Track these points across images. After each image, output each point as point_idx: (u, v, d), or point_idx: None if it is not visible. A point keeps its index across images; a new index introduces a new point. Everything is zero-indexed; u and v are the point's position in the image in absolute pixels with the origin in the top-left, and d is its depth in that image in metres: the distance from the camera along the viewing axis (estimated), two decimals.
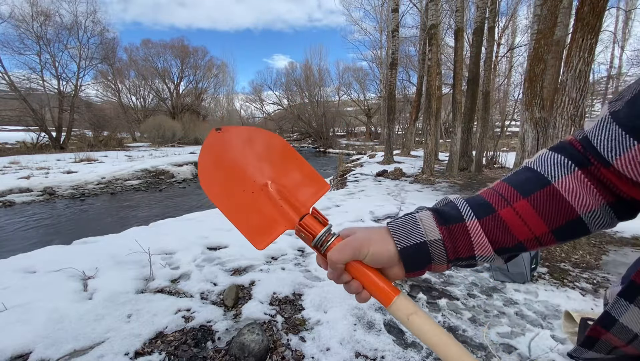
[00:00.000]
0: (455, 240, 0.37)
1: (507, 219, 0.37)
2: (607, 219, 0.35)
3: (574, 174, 0.35)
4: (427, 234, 0.38)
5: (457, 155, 8.78)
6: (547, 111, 3.67)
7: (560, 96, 3.04)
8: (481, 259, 0.38)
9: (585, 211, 0.35)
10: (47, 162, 10.86)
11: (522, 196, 0.37)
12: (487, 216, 0.37)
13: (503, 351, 1.68)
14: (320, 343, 1.67)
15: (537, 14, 4.42)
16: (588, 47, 2.82)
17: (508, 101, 20.60)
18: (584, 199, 0.34)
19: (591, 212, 0.34)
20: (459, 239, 0.37)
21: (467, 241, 0.37)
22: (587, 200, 0.34)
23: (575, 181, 0.35)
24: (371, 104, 35.53)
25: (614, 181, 0.34)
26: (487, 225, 0.37)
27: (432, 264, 0.39)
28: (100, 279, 2.20)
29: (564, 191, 0.35)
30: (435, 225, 0.38)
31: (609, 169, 0.34)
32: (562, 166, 0.36)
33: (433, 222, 0.38)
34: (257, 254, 2.79)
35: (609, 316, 0.36)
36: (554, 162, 0.37)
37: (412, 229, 0.38)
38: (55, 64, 17.39)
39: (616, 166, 0.32)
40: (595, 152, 0.34)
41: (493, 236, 0.37)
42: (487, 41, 9.10)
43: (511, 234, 0.37)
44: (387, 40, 17.94)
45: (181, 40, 31.93)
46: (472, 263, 0.39)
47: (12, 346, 1.52)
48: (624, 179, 0.33)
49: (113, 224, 5.56)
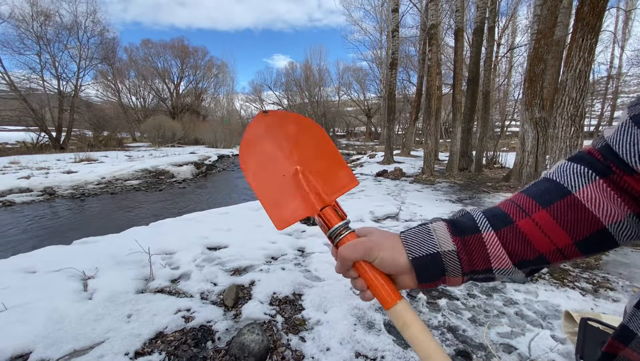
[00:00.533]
0: (470, 252, 0.36)
1: (526, 231, 0.35)
2: (636, 230, 0.33)
3: (595, 183, 0.33)
4: (441, 244, 0.37)
5: (457, 155, 8.78)
6: (547, 111, 3.67)
7: (560, 96, 3.05)
8: (499, 273, 0.36)
9: (611, 222, 0.32)
10: (47, 162, 10.86)
11: (541, 206, 0.35)
12: (504, 227, 0.36)
13: (503, 351, 1.68)
14: (320, 343, 1.67)
15: (537, 14, 4.43)
16: (588, 47, 2.82)
17: (508, 101, 20.60)
18: (608, 209, 0.32)
19: (617, 223, 0.32)
20: (475, 251, 0.36)
21: (483, 252, 0.36)
22: (611, 210, 0.32)
23: (597, 191, 0.33)
24: (371, 104, 35.53)
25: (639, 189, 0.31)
26: (505, 237, 0.36)
27: (445, 276, 0.37)
28: (100, 279, 2.20)
29: (586, 200, 0.33)
30: (450, 236, 0.37)
31: (633, 177, 0.31)
32: (583, 176, 0.34)
33: (447, 233, 0.37)
34: (257, 254, 2.79)
35: (626, 330, 0.34)
36: (573, 172, 0.35)
37: (425, 240, 0.37)
38: (55, 64, 17.39)
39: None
40: (618, 160, 0.32)
41: (512, 248, 0.35)
42: (487, 41, 9.10)
43: (531, 246, 0.35)
44: (387, 40, 17.95)
45: (181, 40, 31.95)
46: (490, 277, 0.37)
47: (12, 346, 1.52)
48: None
49: (113, 224, 5.56)
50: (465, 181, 7.60)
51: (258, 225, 3.65)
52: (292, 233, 3.46)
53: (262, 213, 4.26)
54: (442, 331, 1.84)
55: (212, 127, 24.77)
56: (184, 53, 31.34)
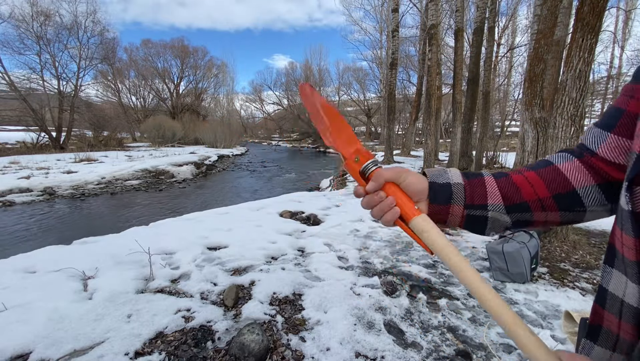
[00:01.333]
0: (473, 189, 0.47)
1: (518, 182, 0.47)
2: (598, 197, 0.44)
3: (572, 161, 0.46)
4: (453, 179, 0.48)
5: (457, 155, 8.78)
6: (547, 111, 3.67)
7: (560, 96, 3.04)
8: (492, 209, 0.46)
9: (580, 186, 0.44)
10: (47, 162, 10.86)
11: (531, 169, 0.48)
12: (502, 177, 0.48)
13: (503, 351, 1.68)
14: (320, 343, 1.67)
15: (537, 14, 4.42)
16: (588, 47, 2.82)
17: (508, 101, 20.59)
18: (579, 177, 0.45)
19: (584, 188, 0.44)
20: (477, 189, 0.47)
21: (483, 190, 0.47)
22: (581, 178, 0.44)
23: (572, 165, 0.46)
24: (371, 104, 35.51)
25: (601, 166, 0.43)
26: (501, 184, 0.47)
27: (451, 204, 0.47)
28: (100, 279, 2.20)
29: (564, 170, 0.46)
30: (461, 176, 0.48)
31: (596, 157, 0.44)
32: (563, 157, 0.47)
33: (459, 174, 0.49)
34: (257, 254, 2.79)
35: (601, 289, 0.41)
36: (558, 155, 0.48)
37: (442, 175, 0.48)
38: (55, 64, 17.37)
39: (599, 153, 0.43)
40: (586, 148, 0.46)
41: (505, 192, 0.47)
42: (487, 41, 9.10)
43: (520, 193, 0.46)
44: (387, 40, 17.94)
45: (181, 40, 31.96)
46: (484, 216, 0.47)
47: (12, 346, 1.52)
48: (608, 164, 0.43)
49: (113, 224, 5.56)
50: None
51: (258, 225, 3.65)
52: (292, 233, 3.46)
53: (262, 213, 4.27)
54: (442, 331, 1.84)
55: (212, 127, 24.77)
56: (184, 53, 31.34)
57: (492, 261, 2.50)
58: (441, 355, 1.64)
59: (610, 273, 0.39)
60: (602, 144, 0.43)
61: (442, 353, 1.65)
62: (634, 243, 0.34)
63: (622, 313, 0.37)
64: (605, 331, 0.40)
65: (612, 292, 0.38)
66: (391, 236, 3.47)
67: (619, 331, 0.38)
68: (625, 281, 0.36)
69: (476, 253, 3.00)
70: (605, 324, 0.40)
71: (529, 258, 2.36)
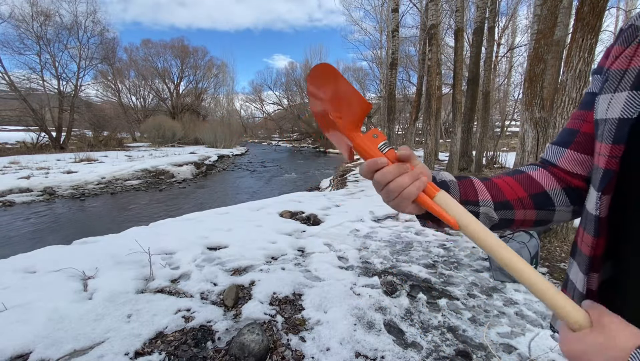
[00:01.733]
0: (465, 187, 0.52)
1: (499, 184, 0.54)
2: (564, 199, 0.52)
3: (539, 170, 0.55)
4: (447, 177, 0.52)
5: (457, 155, 8.78)
6: (547, 111, 3.67)
7: (560, 96, 3.04)
8: (483, 205, 0.51)
9: (549, 188, 0.53)
10: (47, 162, 10.86)
11: (508, 175, 0.56)
12: (485, 180, 0.55)
13: (503, 351, 1.68)
14: (320, 343, 1.67)
15: (537, 14, 4.43)
16: (588, 47, 2.82)
17: (508, 101, 20.58)
18: (548, 181, 0.53)
19: (553, 189, 0.52)
20: (468, 187, 0.52)
21: (473, 189, 0.52)
22: (549, 182, 0.53)
23: (541, 173, 0.54)
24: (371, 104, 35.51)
25: (562, 175, 0.53)
26: (487, 185, 0.53)
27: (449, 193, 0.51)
28: (100, 279, 2.20)
29: (535, 176, 0.54)
30: (452, 176, 0.53)
31: (557, 168, 0.54)
32: (531, 167, 0.56)
33: (451, 175, 0.53)
34: (257, 254, 2.79)
35: (566, 275, 0.51)
36: (526, 166, 0.57)
37: (436, 175, 0.52)
38: (55, 64, 17.38)
39: (560, 165, 0.53)
40: (547, 161, 0.56)
41: (491, 192, 0.52)
42: (487, 41, 9.09)
43: (503, 193, 0.53)
44: (387, 40, 17.93)
45: (181, 40, 31.96)
46: (476, 212, 0.51)
47: (12, 346, 1.52)
48: (567, 173, 0.52)
49: (113, 224, 5.56)
50: None
51: (258, 225, 3.65)
52: (292, 233, 3.46)
53: (262, 213, 4.27)
54: (442, 331, 1.84)
55: (212, 127, 24.76)
56: (184, 53, 31.34)
57: (492, 261, 2.50)
58: (441, 355, 1.64)
59: (572, 264, 0.48)
60: (561, 158, 0.53)
61: (442, 353, 1.65)
62: (592, 241, 0.41)
63: (574, 296, 0.46)
64: None
65: (571, 278, 0.48)
66: (391, 236, 3.47)
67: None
68: (577, 270, 0.46)
69: (476, 253, 3.00)
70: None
71: (529, 258, 2.36)
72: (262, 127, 45.24)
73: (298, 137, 36.75)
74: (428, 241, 3.33)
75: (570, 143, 0.52)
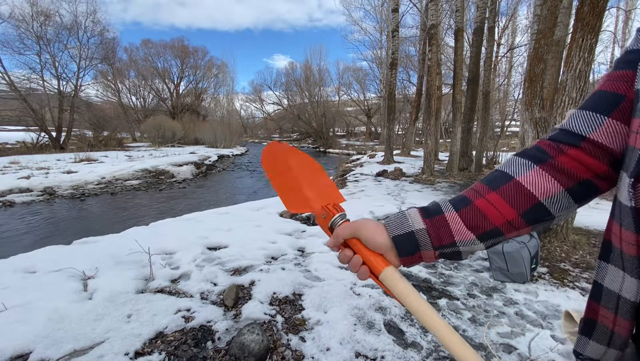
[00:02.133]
0: (437, 229, 0.45)
1: (483, 208, 0.44)
2: (566, 202, 0.42)
3: (533, 170, 0.43)
4: (414, 224, 0.46)
5: (457, 155, 8.78)
6: (547, 111, 3.67)
7: (560, 96, 3.04)
8: (462, 245, 0.45)
9: (545, 197, 0.42)
10: (47, 162, 10.85)
11: (492, 189, 0.44)
12: (464, 207, 0.45)
13: (503, 351, 1.68)
14: (320, 343, 1.67)
15: (537, 14, 4.43)
16: (588, 47, 2.82)
17: (508, 101, 20.58)
18: (543, 187, 0.42)
19: (550, 197, 0.42)
20: (441, 228, 0.45)
21: (447, 229, 0.45)
22: (545, 187, 0.42)
23: (534, 174, 0.43)
24: (371, 104, 35.50)
25: (583, 157, 0.40)
26: (466, 215, 0.45)
27: (420, 250, 0.46)
28: (100, 279, 2.20)
29: (525, 182, 0.43)
30: (420, 218, 0.46)
31: (567, 155, 0.41)
32: (522, 165, 0.44)
33: (419, 216, 0.46)
34: (257, 254, 2.79)
35: (596, 285, 0.41)
36: (516, 163, 0.45)
37: (402, 222, 0.46)
38: (55, 64, 17.36)
39: (593, 138, 0.40)
40: (569, 136, 0.42)
41: (472, 223, 0.44)
42: (487, 41, 9.09)
43: (488, 220, 0.44)
44: (387, 40, 17.94)
45: (181, 40, 31.94)
46: (456, 251, 0.45)
47: (12, 346, 1.52)
48: (592, 155, 0.40)
49: (113, 224, 5.56)
50: (465, 181, 7.60)
51: (258, 225, 3.64)
52: (292, 233, 3.46)
53: (262, 213, 4.26)
54: None
55: (212, 127, 24.75)
56: (184, 53, 31.33)
57: (492, 261, 2.50)
58: (441, 355, 1.64)
59: (606, 269, 0.39)
60: (597, 129, 0.39)
61: (442, 353, 1.65)
62: (635, 238, 0.34)
63: (618, 308, 0.37)
64: (601, 327, 0.41)
65: (607, 287, 0.39)
66: None
67: (614, 327, 0.39)
68: (622, 276, 0.37)
69: (476, 253, 3.00)
70: (600, 319, 0.40)
71: (529, 258, 2.36)
72: (262, 127, 45.25)
73: (298, 137, 36.73)
74: None
75: (612, 111, 0.39)
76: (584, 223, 3.81)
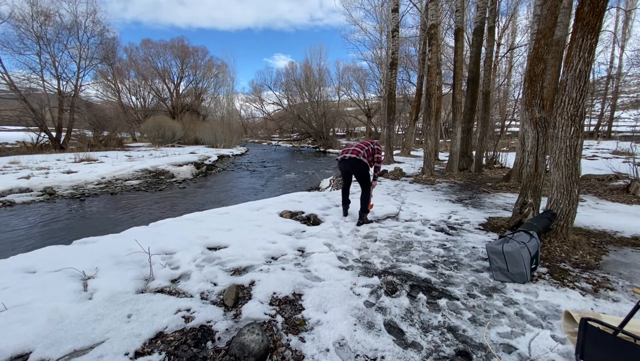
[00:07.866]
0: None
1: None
2: None
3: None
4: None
5: (457, 155, 8.78)
6: (547, 111, 3.67)
7: (560, 96, 3.04)
8: None
9: None
10: (47, 162, 10.85)
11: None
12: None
13: (503, 351, 1.68)
14: (320, 344, 1.67)
15: (537, 14, 4.43)
16: (588, 47, 2.82)
17: (508, 101, 20.57)
18: None
19: None
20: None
21: None
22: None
23: None
24: (371, 104, 35.47)
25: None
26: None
27: None
28: (100, 279, 2.20)
29: None
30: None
31: None
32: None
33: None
34: (257, 254, 2.79)
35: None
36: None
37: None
38: (55, 64, 17.34)
39: None
40: None
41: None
42: (487, 41, 9.09)
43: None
44: (387, 40, 17.92)
45: (181, 40, 31.90)
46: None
47: (12, 346, 1.52)
48: None
49: (113, 224, 5.56)
50: (465, 181, 7.60)
51: (258, 225, 3.64)
52: (292, 233, 3.46)
53: (262, 213, 4.26)
54: (442, 331, 1.84)
55: (212, 127, 24.74)
56: (184, 53, 31.31)
57: (492, 261, 2.50)
58: (441, 355, 1.64)
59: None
60: None
61: (442, 353, 1.65)
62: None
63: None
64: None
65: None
66: (391, 236, 3.47)
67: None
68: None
69: (476, 253, 3.00)
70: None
71: (529, 258, 2.36)
72: (262, 127, 45.22)
73: (298, 137, 36.72)
74: (428, 241, 3.33)
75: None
76: (584, 223, 3.81)
